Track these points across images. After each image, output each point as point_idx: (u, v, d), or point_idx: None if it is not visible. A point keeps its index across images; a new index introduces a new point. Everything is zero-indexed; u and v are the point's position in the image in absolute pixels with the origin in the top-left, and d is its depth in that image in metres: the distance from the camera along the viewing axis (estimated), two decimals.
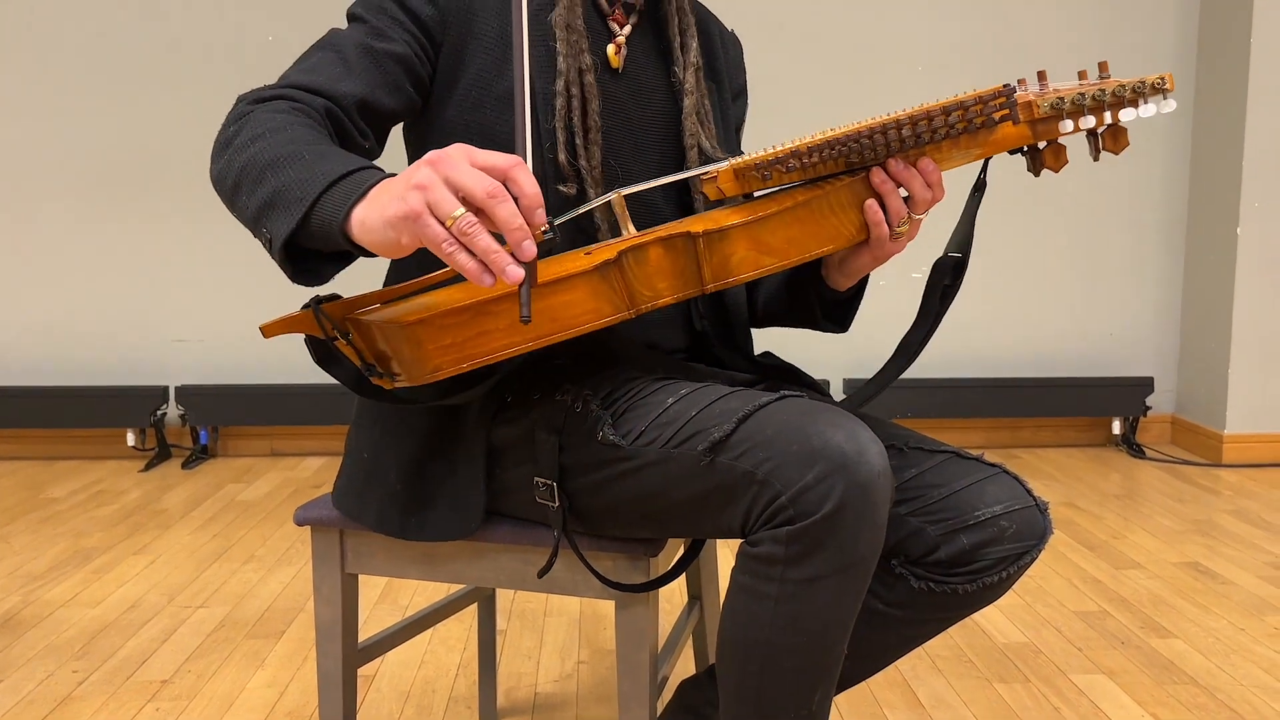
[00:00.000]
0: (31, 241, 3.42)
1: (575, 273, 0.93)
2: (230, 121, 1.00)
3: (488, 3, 1.12)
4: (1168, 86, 0.99)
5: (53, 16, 3.34)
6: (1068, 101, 1.00)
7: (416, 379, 0.94)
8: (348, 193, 0.87)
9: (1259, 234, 3.27)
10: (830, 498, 0.89)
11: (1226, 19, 3.31)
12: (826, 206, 1.03)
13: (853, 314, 1.25)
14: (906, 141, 1.01)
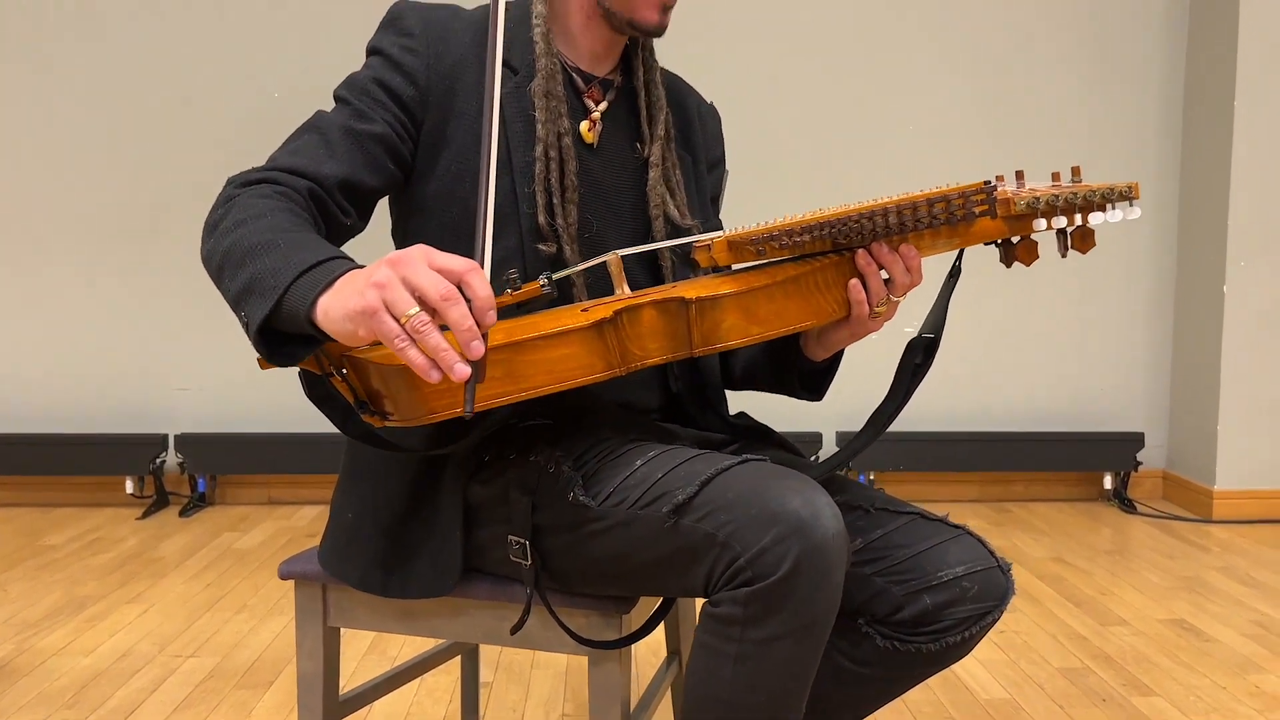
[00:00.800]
0: (38, 292, 3.48)
1: (572, 328, 0.97)
2: (218, 205, 1.04)
3: (468, 82, 1.18)
4: (1134, 195, 1.06)
5: (65, 75, 3.43)
6: (1042, 201, 1.06)
7: (411, 420, 0.97)
8: (315, 281, 0.91)
9: (1245, 292, 3.31)
10: (786, 560, 0.93)
11: (1211, 88, 3.38)
12: (813, 283, 1.09)
13: (828, 384, 1.29)
14: (891, 228, 1.07)
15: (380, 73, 1.16)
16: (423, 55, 1.16)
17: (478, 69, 1.18)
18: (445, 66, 1.17)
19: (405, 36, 1.17)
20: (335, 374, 1.01)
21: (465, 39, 1.19)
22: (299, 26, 3.41)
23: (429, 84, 1.16)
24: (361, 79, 1.16)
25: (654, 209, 1.22)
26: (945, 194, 1.05)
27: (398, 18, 1.19)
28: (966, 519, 3.35)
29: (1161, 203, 3.59)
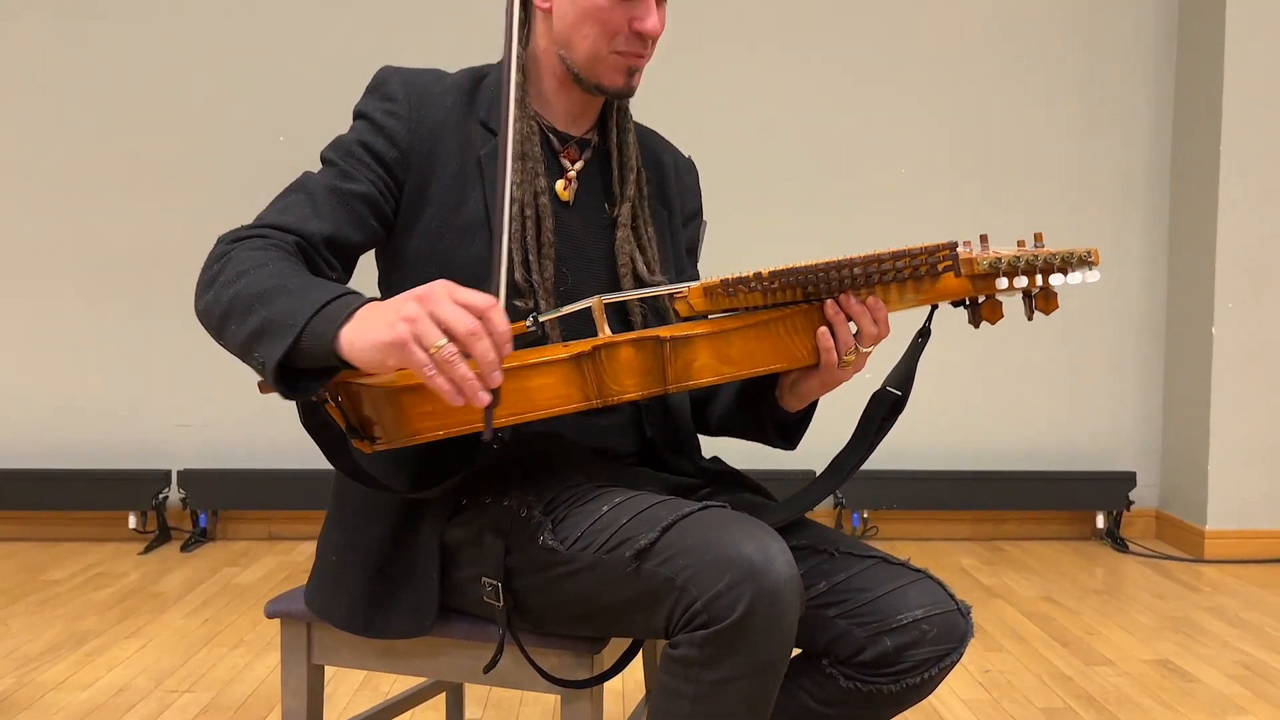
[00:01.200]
0: (45, 331, 3.55)
1: (553, 359, 1.04)
2: (212, 261, 1.10)
3: (448, 145, 1.24)
4: (1093, 260, 1.13)
5: (74, 117, 3.52)
6: (1004, 262, 1.13)
7: (395, 441, 1.03)
8: (333, 316, 0.98)
9: (1233, 334, 3.35)
10: (740, 604, 0.97)
11: (1198, 133, 3.44)
12: (783, 328, 1.15)
13: (801, 433, 1.33)
14: (859, 279, 1.13)
15: (364, 136, 1.22)
16: (405, 119, 1.22)
17: (458, 131, 1.24)
18: (427, 129, 1.23)
19: (389, 101, 1.23)
20: (330, 400, 1.07)
21: (447, 102, 1.25)
22: (304, 73, 3.49)
23: (411, 146, 1.22)
24: (346, 141, 1.23)
25: (621, 266, 1.28)
26: (911, 250, 1.12)
27: (382, 83, 1.25)
28: (959, 558, 3.38)
29: (1151, 245, 3.64)
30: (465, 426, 1.02)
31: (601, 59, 1.23)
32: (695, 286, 1.15)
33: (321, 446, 1.12)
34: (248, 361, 1.04)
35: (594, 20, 1.21)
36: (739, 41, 3.56)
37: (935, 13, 3.58)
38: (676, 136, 3.46)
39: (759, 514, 1.22)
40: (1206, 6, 3.40)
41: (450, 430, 1.02)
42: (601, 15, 1.20)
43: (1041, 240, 1.15)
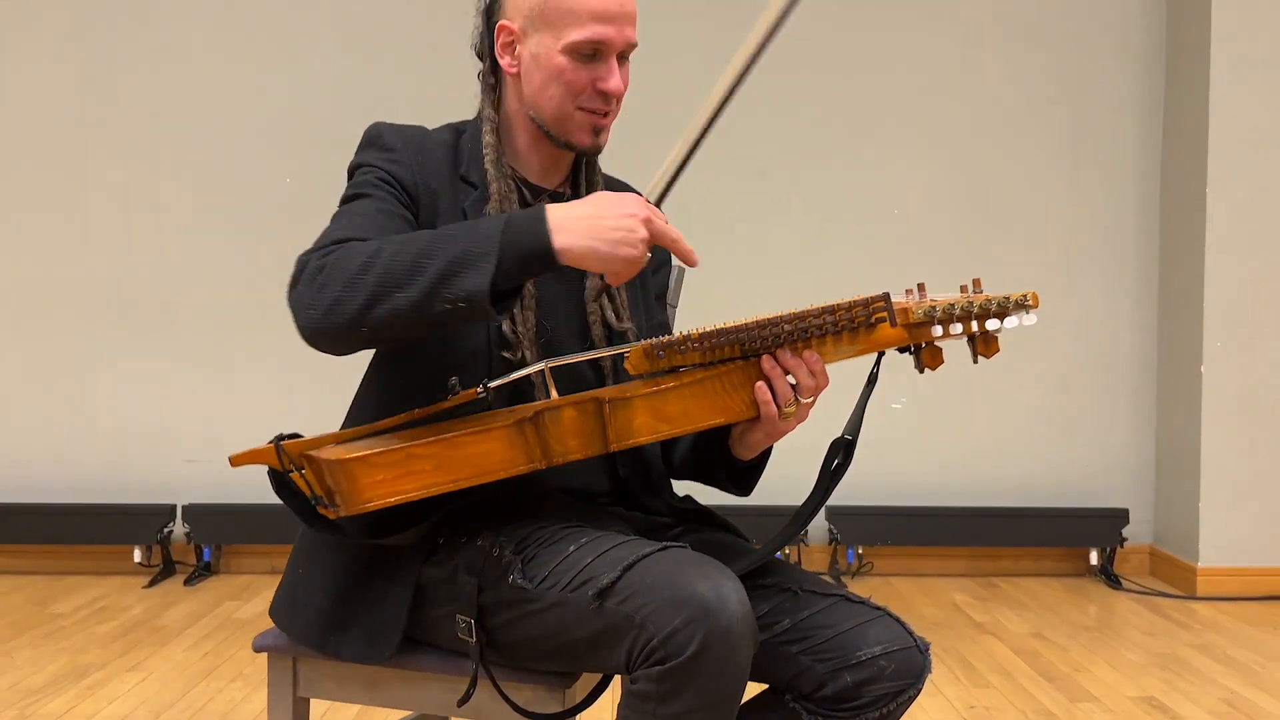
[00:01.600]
0: (54, 368, 3.63)
1: (495, 426, 1.10)
2: (315, 272, 1.11)
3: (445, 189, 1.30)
4: (1030, 304, 1.18)
5: (84, 159, 3.61)
6: (939, 310, 1.17)
7: (351, 509, 1.10)
8: (527, 227, 1.10)
9: (1222, 372, 3.39)
10: (694, 641, 1.02)
11: (1185, 176, 3.50)
12: (720, 385, 1.19)
13: (754, 481, 1.38)
14: (792, 335, 1.18)
15: (376, 177, 1.27)
16: (407, 165, 1.29)
17: (450, 185, 1.31)
18: (426, 176, 1.29)
19: (388, 151, 1.30)
20: (295, 471, 1.14)
21: (439, 155, 1.32)
22: (310, 118, 3.58)
23: (415, 191, 1.28)
24: (363, 181, 1.27)
25: (591, 315, 1.34)
26: (840, 305, 1.17)
27: (378, 137, 1.32)
28: (952, 594, 3.41)
29: (1141, 285, 3.69)
30: (417, 492, 1.08)
31: (568, 117, 1.30)
32: (636, 348, 1.20)
33: (294, 510, 1.20)
34: (435, 309, 1.07)
35: (558, 81, 1.27)
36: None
37: (929, 62, 3.66)
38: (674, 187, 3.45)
39: (725, 558, 1.27)
40: (1191, 55, 3.47)
41: (403, 497, 1.08)
42: (565, 76, 1.27)
43: (980, 285, 1.19)
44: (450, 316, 1.09)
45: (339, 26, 3.62)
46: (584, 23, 1.25)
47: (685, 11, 3.58)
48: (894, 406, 3.68)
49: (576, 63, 1.27)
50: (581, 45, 1.26)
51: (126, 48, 3.61)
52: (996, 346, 1.20)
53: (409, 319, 1.09)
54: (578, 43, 1.26)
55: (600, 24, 1.26)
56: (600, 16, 1.26)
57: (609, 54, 1.28)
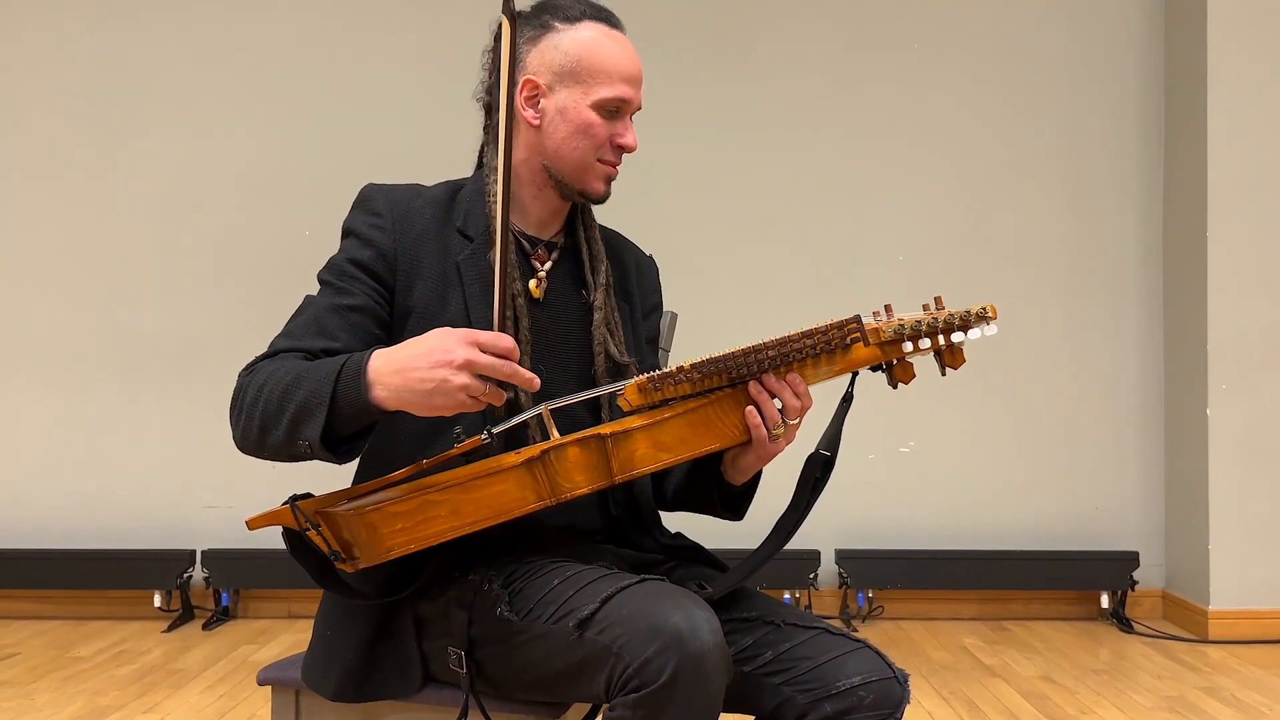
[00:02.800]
0: (78, 416, 3.72)
1: (505, 467, 1.16)
2: (236, 395, 1.27)
3: (430, 252, 1.38)
4: (990, 315, 1.26)
5: (112, 214, 3.74)
6: (907, 327, 1.25)
7: (373, 559, 1.16)
8: (352, 379, 1.18)
9: (1228, 414, 3.41)
10: (666, 669, 1.07)
11: (1187, 219, 3.55)
12: (713, 412, 1.27)
13: (746, 505, 1.44)
14: (776, 360, 1.26)
15: (353, 253, 1.37)
16: (389, 231, 1.37)
17: (438, 239, 1.38)
18: (410, 240, 1.37)
19: (374, 216, 1.38)
20: (311, 529, 1.19)
21: (427, 214, 1.40)
22: (328, 172, 3.69)
23: (395, 255, 1.36)
24: (338, 261, 1.37)
25: (597, 347, 1.41)
26: (818, 328, 1.25)
27: (367, 199, 1.40)
28: (962, 637, 3.41)
29: (1146, 329, 3.72)
30: (437, 536, 1.15)
31: (589, 167, 1.39)
32: (631, 384, 1.27)
33: (308, 570, 1.25)
34: (297, 452, 1.21)
35: (586, 134, 1.37)
36: (736, 133, 3.73)
37: (932, 105, 3.73)
38: (673, 228, 3.73)
39: (715, 580, 1.32)
40: (1189, 101, 3.53)
41: (423, 542, 1.14)
42: (593, 130, 1.37)
43: (941, 303, 1.27)
44: (309, 458, 1.20)
45: (359, 84, 3.75)
46: (614, 82, 1.37)
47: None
48: (903, 450, 3.71)
49: (602, 118, 1.37)
50: (610, 102, 1.37)
51: (151, 104, 3.74)
52: (963, 358, 1.27)
53: (290, 454, 1.22)
54: (607, 99, 1.36)
55: (627, 85, 1.38)
56: (627, 78, 1.38)
57: (628, 113, 1.39)
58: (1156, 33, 3.71)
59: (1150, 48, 3.72)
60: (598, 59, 1.36)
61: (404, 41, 3.73)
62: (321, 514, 1.19)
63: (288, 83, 3.75)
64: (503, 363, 1.15)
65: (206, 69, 3.75)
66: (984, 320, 1.26)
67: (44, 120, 3.75)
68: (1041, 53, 3.74)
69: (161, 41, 3.75)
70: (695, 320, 2.33)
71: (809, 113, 3.73)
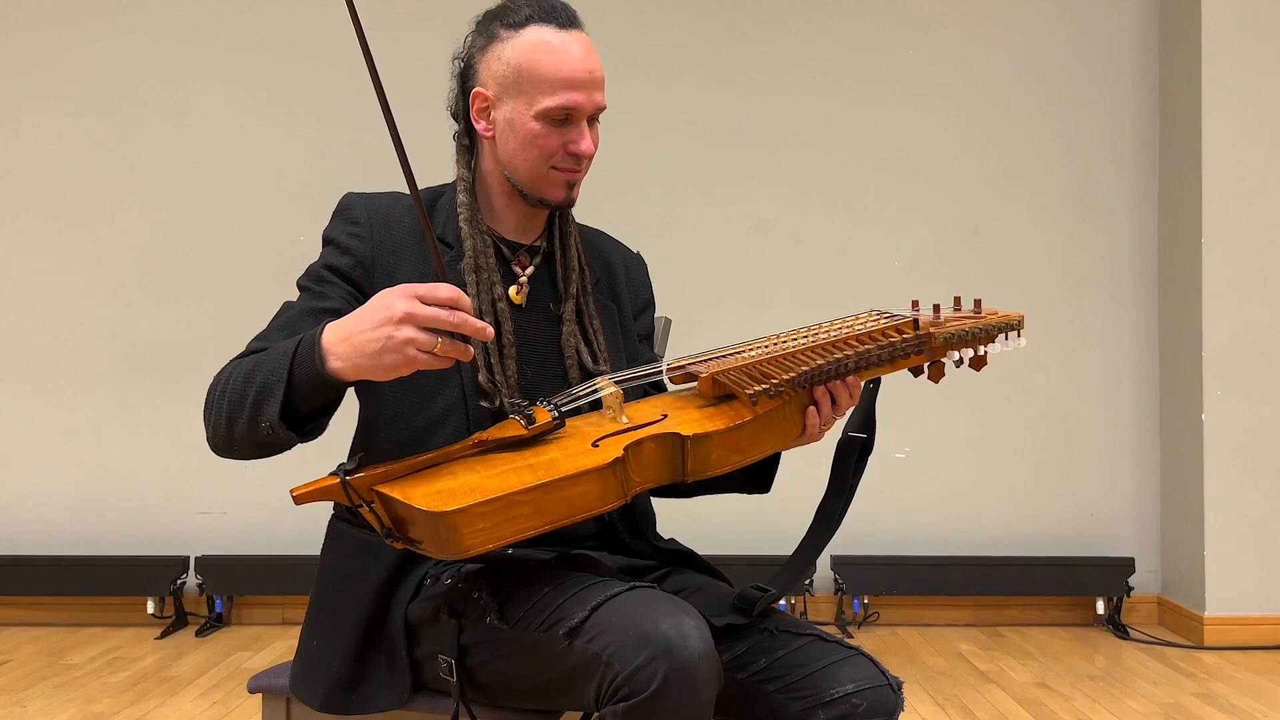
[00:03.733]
0: (73, 422, 3.71)
1: (591, 469, 1.13)
2: (209, 393, 1.26)
3: (408, 260, 1.37)
4: (1021, 326, 1.32)
5: (102, 220, 3.73)
6: (956, 337, 1.29)
7: (447, 556, 1.11)
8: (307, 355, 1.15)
9: (1224, 421, 3.41)
10: (656, 678, 1.06)
11: (1182, 225, 3.55)
12: (781, 416, 1.28)
13: (772, 477, 1.43)
14: (849, 368, 1.28)
15: (330, 260, 1.37)
16: (367, 239, 1.37)
17: (417, 248, 1.38)
18: (388, 247, 1.37)
19: (353, 224, 1.38)
20: (364, 505, 1.14)
21: (405, 222, 1.39)
22: (322, 178, 3.69)
23: (373, 261, 1.36)
24: (316, 269, 1.38)
25: (568, 358, 1.40)
26: (890, 340, 1.27)
27: (346, 208, 1.40)
28: (958, 643, 3.41)
29: (1141, 335, 3.72)
30: (516, 536, 1.10)
31: (542, 177, 1.37)
32: (704, 378, 1.28)
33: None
34: (260, 437, 1.18)
35: (533, 145, 1.35)
36: (731, 138, 3.72)
37: (929, 111, 3.73)
38: (667, 233, 3.72)
39: (705, 600, 1.31)
40: (1184, 108, 3.53)
41: (501, 542, 1.09)
42: (539, 141, 1.34)
43: (980, 306, 1.32)
44: (274, 440, 1.18)
45: (354, 90, 3.74)
46: (555, 90, 1.32)
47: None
48: (898, 456, 3.71)
49: (549, 127, 1.34)
50: (553, 112, 1.33)
51: (147, 111, 3.74)
52: (986, 363, 1.31)
53: (255, 442, 1.20)
54: (549, 109, 1.33)
55: (570, 91, 1.33)
56: (570, 84, 1.33)
57: (580, 118, 1.35)
58: (1152, 40, 3.72)
59: (1145, 54, 3.73)
60: (538, 67, 1.32)
61: (400, 48, 3.73)
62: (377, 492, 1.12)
63: (282, 89, 3.75)
64: (446, 312, 1.10)
65: (201, 76, 3.74)
66: (1016, 330, 1.32)
67: (39, 126, 3.74)
68: (1038, 59, 3.74)
69: (156, 48, 3.74)
70: (690, 325, 2.33)
71: (805, 118, 3.73)
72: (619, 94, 4.17)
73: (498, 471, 1.14)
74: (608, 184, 3.72)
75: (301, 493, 1.15)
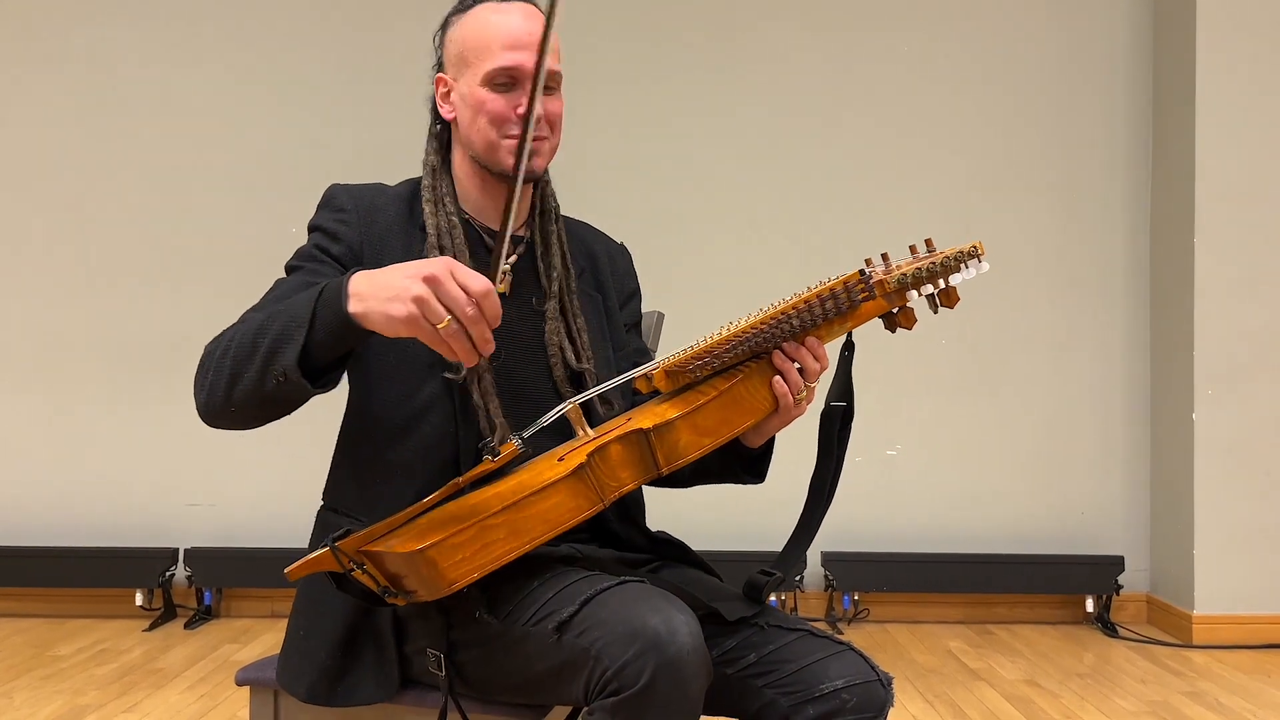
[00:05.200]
0: (62, 414, 3.69)
1: (556, 479, 1.14)
2: (203, 359, 1.24)
3: (393, 248, 1.37)
4: (980, 252, 1.27)
5: (91, 211, 3.71)
6: (910, 276, 1.25)
7: (435, 594, 1.12)
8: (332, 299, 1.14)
9: (1214, 420, 3.42)
10: (645, 672, 1.06)
11: (1174, 226, 3.55)
12: (744, 389, 1.26)
13: (767, 466, 1.43)
14: (795, 329, 1.25)
15: (321, 242, 1.37)
16: (354, 225, 1.36)
17: (402, 236, 1.38)
18: (375, 235, 1.37)
19: (339, 212, 1.38)
20: (356, 569, 1.15)
21: (390, 211, 1.39)
22: (313, 169, 3.67)
23: (361, 248, 1.36)
24: (306, 250, 1.37)
25: (552, 356, 1.40)
26: (833, 290, 1.24)
27: (332, 198, 1.40)
28: (948, 640, 3.41)
29: (1133, 334, 3.72)
30: (498, 561, 1.11)
31: (496, 145, 1.36)
32: (657, 370, 1.27)
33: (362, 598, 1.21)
34: (268, 391, 1.16)
35: (482, 112, 1.35)
36: (724, 134, 3.72)
37: (922, 111, 3.73)
38: (661, 228, 3.70)
39: (696, 592, 1.30)
40: (1177, 109, 3.54)
41: (485, 569, 1.10)
42: (486, 107, 1.35)
43: (932, 245, 1.28)
44: (284, 391, 1.15)
45: (344, 82, 3.73)
46: (495, 53, 1.34)
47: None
48: (889, 453, 3.71)
49: (495, 93, 1.34)
50: (496, 75, 1.34)
51: (137, 104, 3.72)
52: (957, 296, 1.27)
53: (261, 396, 1.17)
54: (492, 72, 1.34)
55: (511, 51, 1.33)
56: (510, 44, 1.34)
57: (523, 79, 1.33)
58: (1145, 41, 3.72)
59: (1139, 55, 3.73)
60: (480, 36, 1.35)
61: (392, 40, 3.71)
62: (368, 554, 1.14)
63: (273, 81, 3.73)
64: (467, 302, 1.08)
65: (191, 68, 3.72)
66: (975, 257, 1.27)
67: (28, 119, 3.72)
68: (1031, 60, 3.74)
69: (146, 40, 3.72)
70: (682, 320, 2.32)
71: (798, 117, 3.72)
72: (612, 92, 4.18)
73: (470, 505, 1.16)
74: (601, 180, 3.73)
75: (295, 569, 1.16)
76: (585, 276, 1.48)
